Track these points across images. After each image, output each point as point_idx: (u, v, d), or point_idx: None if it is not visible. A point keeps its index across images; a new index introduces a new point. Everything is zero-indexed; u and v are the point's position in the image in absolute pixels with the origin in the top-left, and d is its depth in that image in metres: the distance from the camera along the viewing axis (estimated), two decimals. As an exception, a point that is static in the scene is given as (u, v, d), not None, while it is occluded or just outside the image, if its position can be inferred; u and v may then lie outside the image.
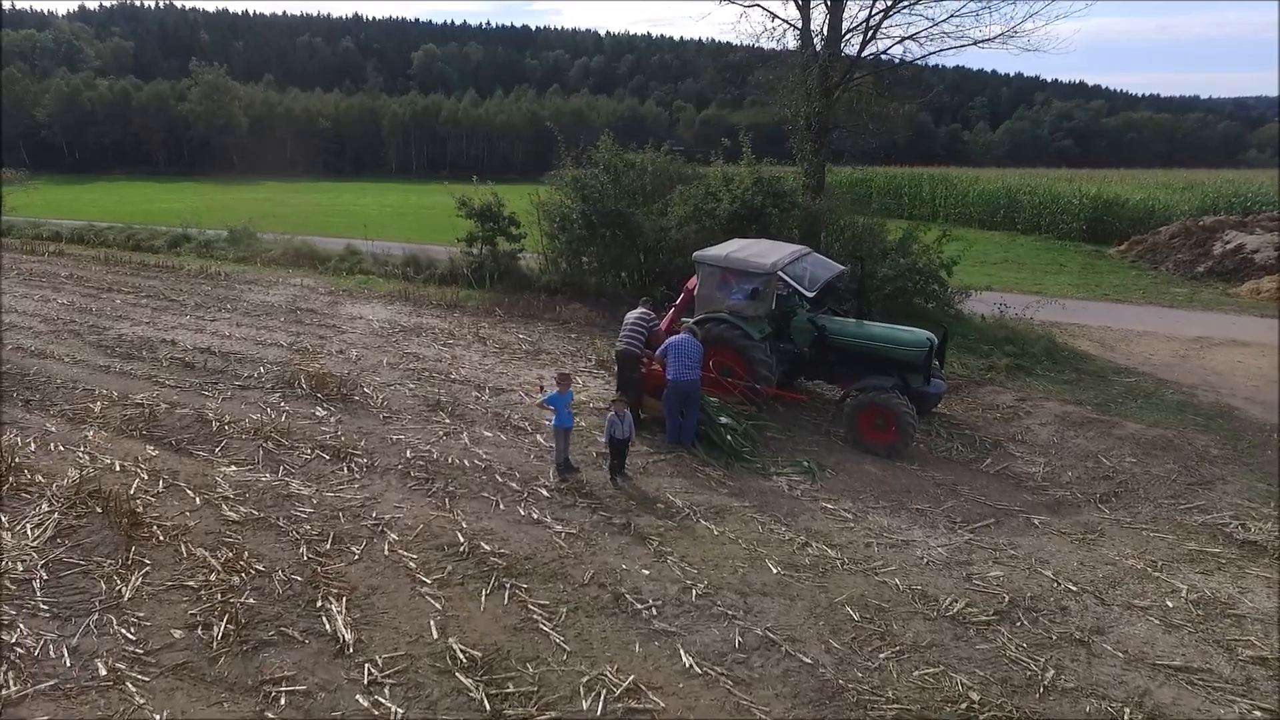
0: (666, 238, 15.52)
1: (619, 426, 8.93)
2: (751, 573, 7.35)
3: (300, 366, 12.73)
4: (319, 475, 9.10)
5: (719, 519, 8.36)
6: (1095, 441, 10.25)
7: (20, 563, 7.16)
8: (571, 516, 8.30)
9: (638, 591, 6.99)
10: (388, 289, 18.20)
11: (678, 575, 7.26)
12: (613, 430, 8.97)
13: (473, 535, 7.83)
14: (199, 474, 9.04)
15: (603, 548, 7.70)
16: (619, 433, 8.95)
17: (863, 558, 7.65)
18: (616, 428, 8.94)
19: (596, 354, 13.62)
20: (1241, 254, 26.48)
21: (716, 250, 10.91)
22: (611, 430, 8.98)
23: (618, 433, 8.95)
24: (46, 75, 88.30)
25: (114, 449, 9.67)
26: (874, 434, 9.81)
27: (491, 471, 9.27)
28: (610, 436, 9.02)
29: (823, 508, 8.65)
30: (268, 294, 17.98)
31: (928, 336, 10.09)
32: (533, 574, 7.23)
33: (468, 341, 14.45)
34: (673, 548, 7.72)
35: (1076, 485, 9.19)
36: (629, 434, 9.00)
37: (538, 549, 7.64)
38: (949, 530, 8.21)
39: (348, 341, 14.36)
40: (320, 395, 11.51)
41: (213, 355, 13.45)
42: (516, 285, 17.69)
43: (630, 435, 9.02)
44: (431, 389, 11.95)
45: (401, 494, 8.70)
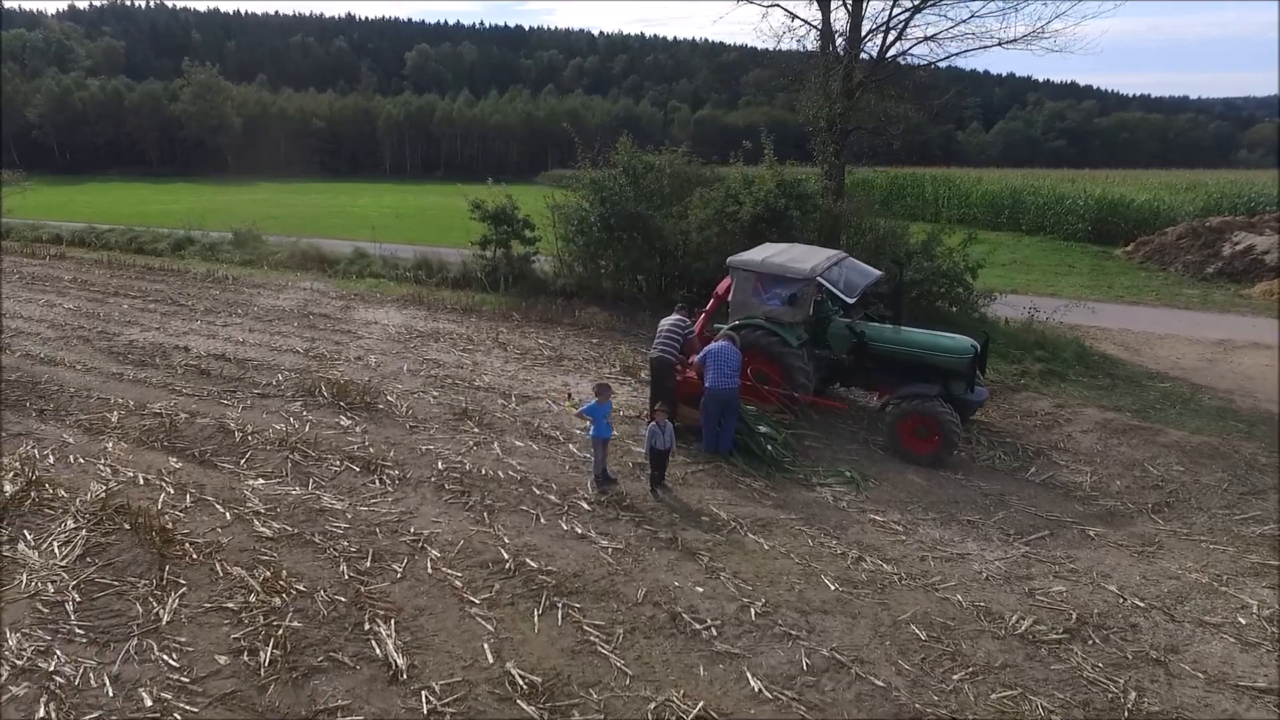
0: (687, 241, 15.29)
1: (660, 437, 8.70)
2: (808, 589, 7.13)
3: (319, 374, 12.45)
4: (351, 488, 8.83)
5: (766, 532, 8.14)
6: (1139, 449, 10.08)
7: (51, 583, 6.87)
8: (616, 530, 8.07)
9: (694, 610, 6.75)
10: (400, 293, 17.92)
11: (733, 592, 7.03)
12: (653, 441, 8.74)
13: (516, 551, 7.58)
14: (226, 487, 8.76)
15: (652, 564, 7.47)
16: (660, 443, 8.72)
17: (920, 572, 7.44)
18: (657, 438, 8.71)
19: (621, 360, 13.38)
20: (1252, 255, 26.44)
21: (752, 255, 10.69)
22: (652, 441, 8.75)
23: (659, 443, 8.72)
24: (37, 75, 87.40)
25: (136, 461, 9.38)
26: (916, 443, 9.61)
27: (528, 483, 9.02)
28: (651, 447, 8.79)
29: (871, 520, 8.44)
30: (278, 298, 17.67)
31: (971, 343, 9.89)
32: (583, 592, 6.99)
33: (487, 347, 14.19)
34: (724, 563, 7.49)
35: (1127, 495, 9.01)
36: (670, 444, 8.77)
37: (585, 565, 7.40)
38: (1004, 543, 8.01)
39: (365, 347, 14.08)
40: (343, 404, 11.24)
41: (228, 362, 13.15)
42: (531, 289, 17.44)
43: (671, 446, 8.80)
44: (456, 397, 11.69)
45: (438, 508, 8.44)
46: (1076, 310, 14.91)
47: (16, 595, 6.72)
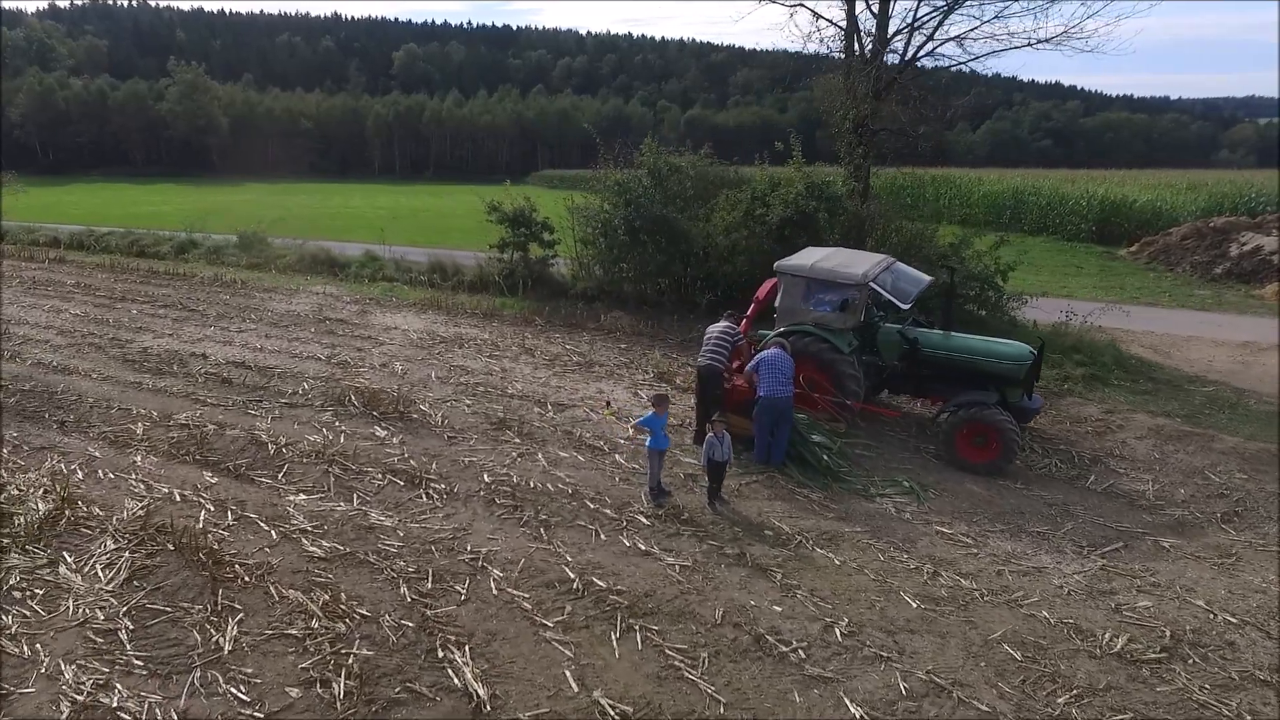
0: (713, 244, 15.03)
1: (718, 448, 8.43)
2: (890, 607, 6.89)
3: (346, 382, 12.11)
4: (397, 503, 8.51)
5: (834, 546, 7.89)
6: (1197, 456, 9.92)
7: (100, 610, 6.52)
8: (679, 546, 7.80)
9: (777, 632, 6.50)
10: (416, 297, 17.56)
11: (813, 612, 6.78)
12: (711, 452, 8.48)
13: (581, 570, 7.30)
14: (268, 504, 8.42)
15: (724, 582, 7.20)
16: (718, 455, 8.45)
17: (999, 588, 7.21)
18: (715, 449, 8.44)
19: (655, 366, 13.10)
20: (1260, 255, 26.48)
21: (800, 260, 10.45)
22: (710, 452, 8.48)
23: (716, 455, 8.46)
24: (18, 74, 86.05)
25: (169, 476, 9.01)
26: (973, 452, 9.40)
27: (580, 497, 8.73)
28: (709, 459, 8.52)
29: (938, 532, 8.21)
30: (290, 303, 17.27)
31: (1029, 350, 9.70)
32: (658, 613, 6.71)
33: (514, 353, 13.88)
34: (798, 580, 7.24)
35: (1193, 504, 8.84)
36: (727, 456, 8.51)
37: (655, 584, 7.12)
38: (1078, 556, 7.81)
39: (388, 354, 13.73)
40: (376, 413, 10.90)
41: (249, 370, 12.76)
42: (551, 293, 17.14)
43: (729, 458, 8.53)
44: (490, 405, 11.38)
45: (492, 524, 8.14)
46: (1109, 313, 14.74)
47: (66, 623, 6.36)
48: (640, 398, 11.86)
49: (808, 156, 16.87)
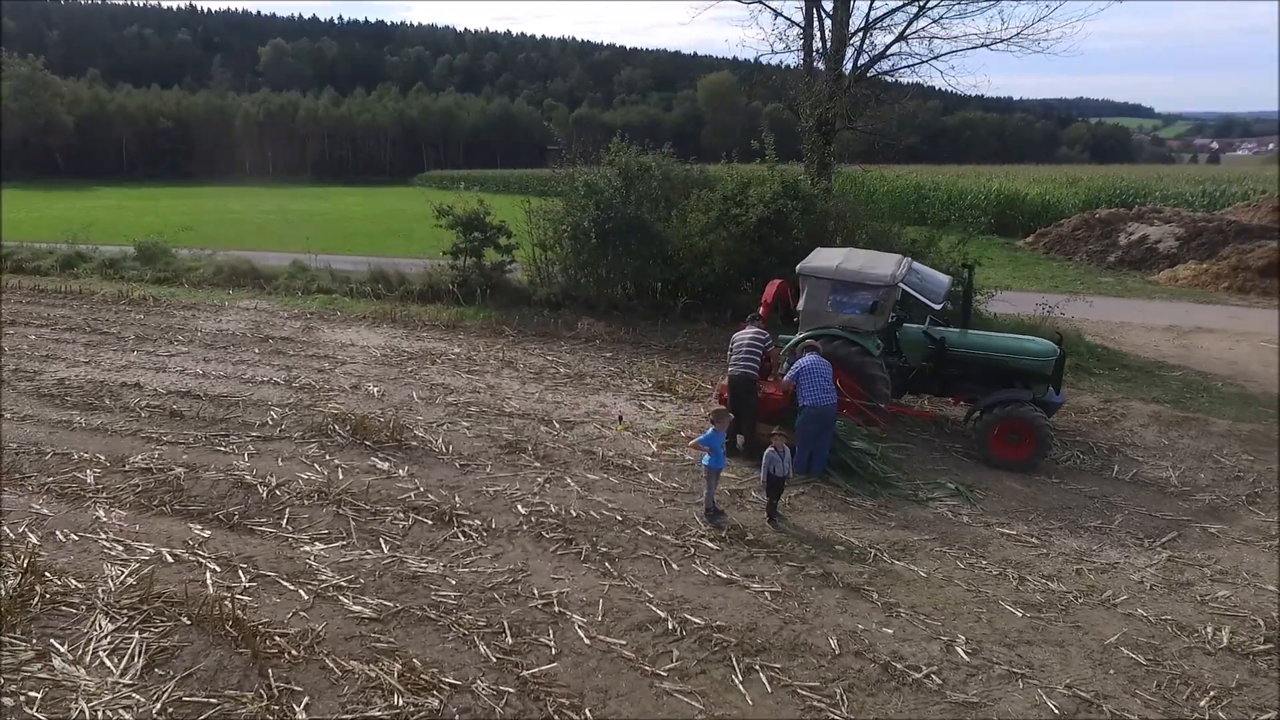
0: (690, 246, 14.61)
1: (779, 463, 8.02)
2: (995, 618, 6.69)
3: (320, 408, 10.91)
4: (433, 546, 7.62)
5: (909, 557, 7.65)
6: (1200, 441, 10.38)
7: (126, 711, 5.38)
8: (759, 570, 7.34)
9: (900, 657, 6.15)
10: (363, 310, 16.21)
11: (925, 631, 6.49)
12: (771, 467, 8.05)
13: (668, 606, 6.71)
14: (283, 558, 7.33)
15: (821, 606, 6.80)
16: (779, 470, 8.04)
17: (1086, 588, 7.17)
18: (776, 464, 8.03)
19: (652, 376, 12.55)
20: (1146, 244, 28.72)
21: (823, 262, 10.19)
22: (770, 467, 8.06)
23: (777, 470, 8.04)
24: None
25: (148, 532, 7.71)
26: (1007, 449, 9.43)
27: (631, 523, 8.11)
28: (769, 474, 8.09)
29: (1001, 533, 8.13)
30: (219, 321, 15.55)
31: (1053, 345, 9.83)
32: (771, 649, 6.23)
33: (495, 367, 12.98)
34: (893, 597, 6.94)
35: (1217, 488, 9.19)
36: (788, 471, 8.11)
37: (754, 616, 6.63)
38: (1140, 548, 7.91)
39: (354, 374, 12.52)
40: (369, 443, 9.83)
41: (199, 400, 11.30)
42: (511, 300, 16.24)
43: (789, 473, 8.13)
44: (492, 426, 10.52)
45: (549, 561, 7.40)
46: (1072, 304, 15.34)
47: (89, 734, 5.21)
48: (647, 409, 11.31)
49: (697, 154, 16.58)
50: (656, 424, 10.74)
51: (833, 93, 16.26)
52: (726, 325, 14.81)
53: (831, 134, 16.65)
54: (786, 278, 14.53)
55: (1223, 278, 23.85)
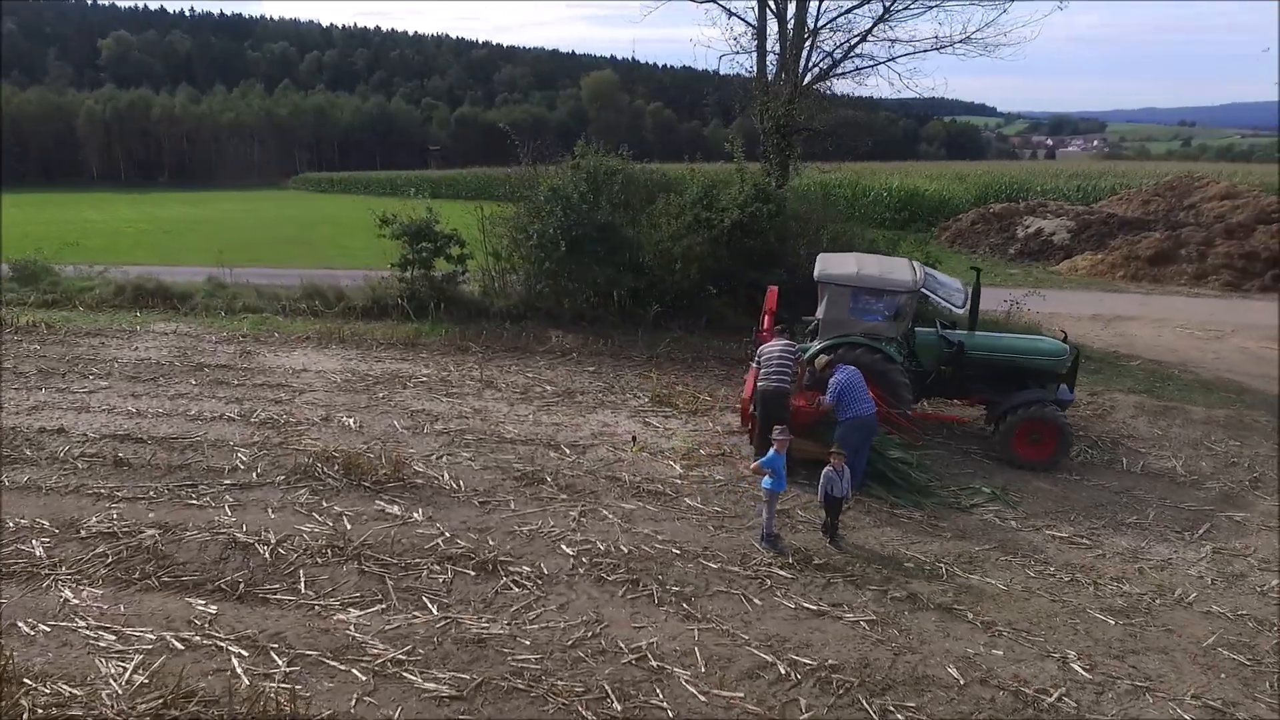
0: (665, 252, 14.12)
1: (836, 483, 7.67)
2: (1091, 628, 6.63)
3: (296, 446, 9.73)
4: (486, 601, 6.82)
5: (980, 569, 7.52)
6: (1188, 429, 10.88)
7: None
8: (843, 597, 6.99)
9: (1023, 680, 5.95)
10: (303, 330, 14.74)
11: (1033, 649, 6.32)
12: (829, 488, 7.70)
13: (769, 647, 6.24)
14: (316, 631, 6.35)
15: (922, 631, 6.52)
16: (836, 490, 7.69)
17: (1157, 587, 7.26)
18: (834, 484, 7.68)
19: (650, 391, 11.98)
20: (1042, 237, 30.60)
21: (843, 269, 9.94)
22: (828, 488, 7.70)
23: (835, 490, 7.69)
24: None
25: (138, 613, 6.51)
26: (1029, 449, 9.53)
27: (690, 555, 7.58)
28: (826, 494, 7.74)
29: (1054, 536, 8.16)
30: (135, 348, 13.72)
31: (1064, 345, 10.01)
32: (896, 686, 5.88)
33: (474, 388, 12.04)
34: (988, 615, 6.76)
35: (1221, 475, 9.62)
36: (846, 491, 7.76)
37: (861, 650, 6.27)
38: (1183, 542, 8.12)
39: (320, 404, 11.29)
40: (368, 484, 8.80)
41: (143, 444, 9.82)
42: (467, 314, 15.22)
43: (848, 493, 7.79)
44: (497, 456, 9.69)
45: (622, 607, 6.77)
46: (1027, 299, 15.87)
47: None
48: (654, 426, 10.76)
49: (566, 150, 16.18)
50: (670, 443, 10.23)
51: (791, 95, 16.17)
52: (701, 333, 14.53)
53: (791, 136, 16.57)
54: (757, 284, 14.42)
55: (1117, 267, 25.70)
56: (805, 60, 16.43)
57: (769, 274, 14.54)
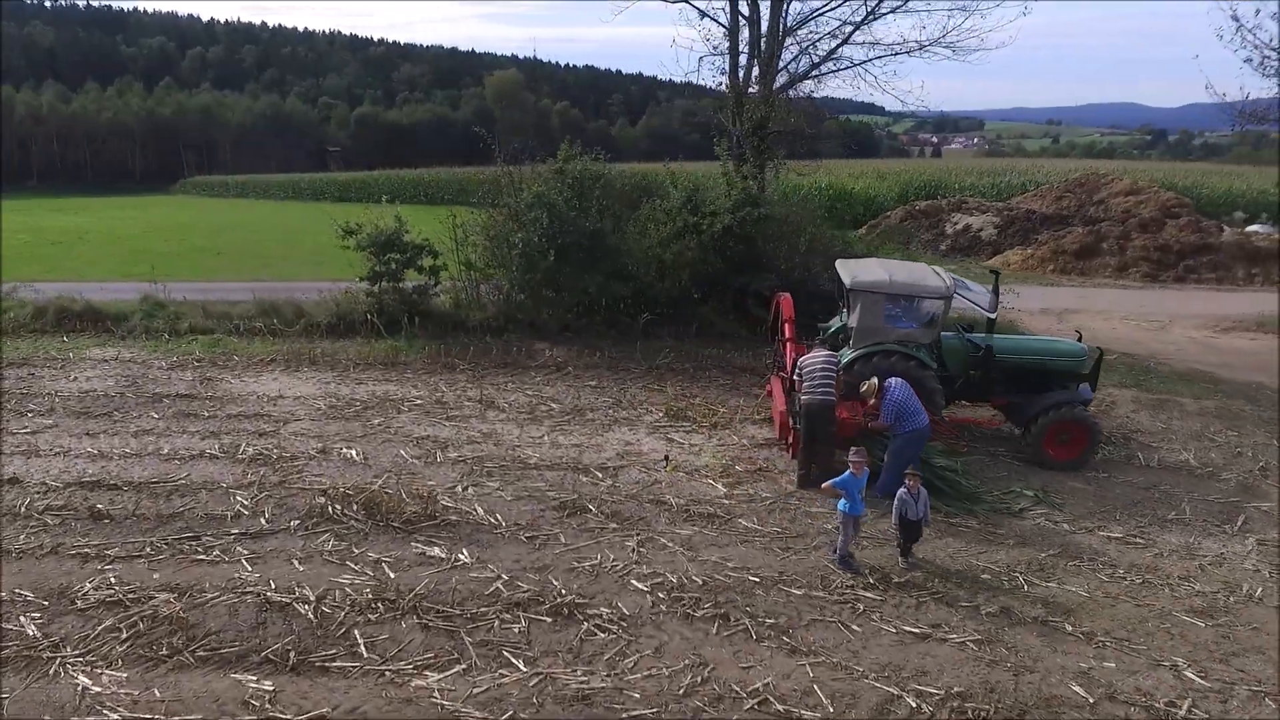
0: (656, 259, 13.71)
1: (911, 506, 7.37)
2: (1186, 631, 6.68)
3: (299, 484, 8.83)
4: (574, 651, 6.26)
5: (1054, 577, 7.49)
6: (1186, 421, 11.31)
7: None
8: (940, 617, 6.79)
9: (1146, 693, 5.90)
10: (265, 351, 13.50)
11: (1141, 659, 6.30)
12: (903, 510, 7.41)
13: (889, 679, 5.97)
14: (400, 702, 5.64)
15: (1031, 649, 6.39)
16: (911, 513, 7.39)
17: (1224, 584, 7.41)
18: (908, 507, 7.38)
19: (660, 405, 11.53)
20: (970, 232, 31.84)
21: (875, 276, 9.77)
22: (902, 510, 7.42)
23: (910, 513, 7.39)
24: None
25: (179, 698, 5.62)
26: (1059, 450, 9.65)
27: (769, 582, 7.24)
28: (901, 516, 7.47)
29: (1106, 538, 8.25)
30: (74, 379, 12.22)
31: (1082, 345, 10.19)
32: (1030, 710, 5.70)
33: (475, 409, 11.28)
34: (1084, 625, 6.70)
35: (1232, 466, 10.01)
36: (922, 514, 7.42)
37: (980, 673, 6.07)
38: (1226, 535, 8.37)
39: (309, 434, 10.32)
40: (395, 525, 8.03)
41: (119, 491, 8.68)
42: (444, 329, 14.34)
43: (923, 515, 7.44)
44: (526, 484, 9.06)
45: (721, 646, 6.34)
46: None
47: None
48: (678, 443, 10.34)
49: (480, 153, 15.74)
50: (701, 460, 9.84)
51: (769, 97, 16.03)
52: (692, 340, 14.20)
53: (767, 138, 16.44)
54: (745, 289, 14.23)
55: (1046, 261, 26.96)
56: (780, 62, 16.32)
57: (757, 279, 14.43)
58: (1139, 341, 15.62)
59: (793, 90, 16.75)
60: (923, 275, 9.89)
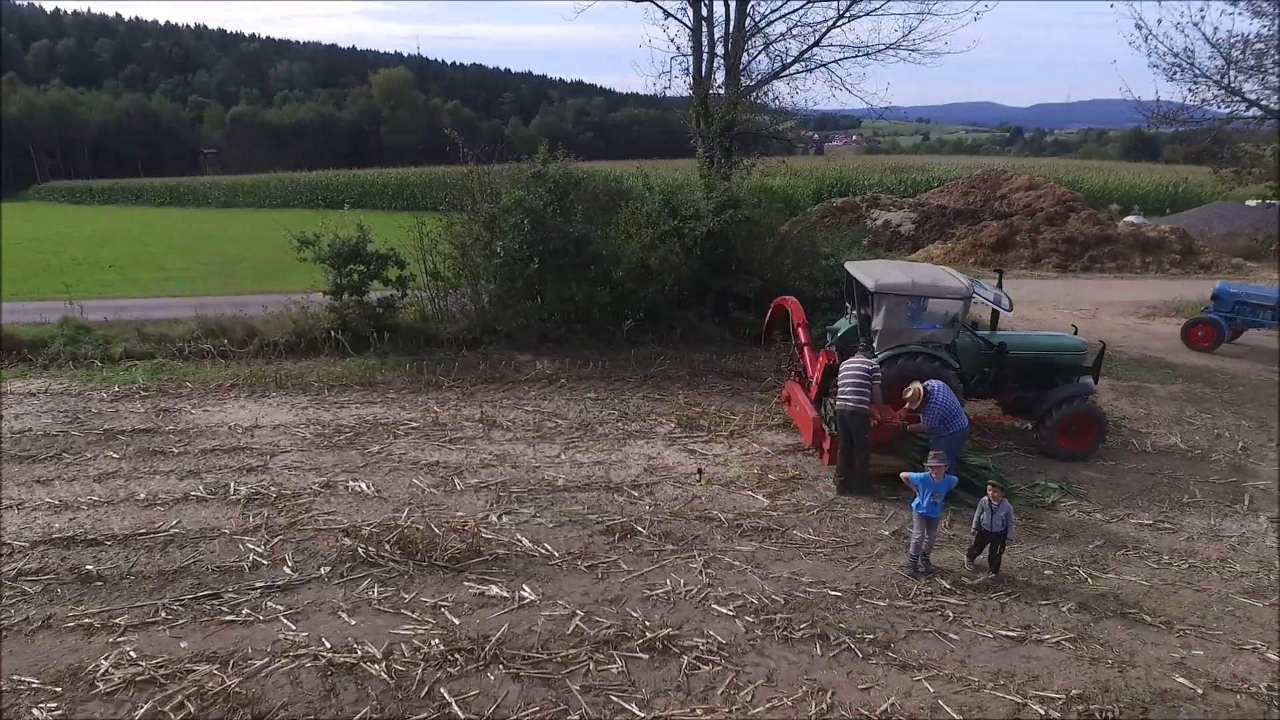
0: (641, 264, 13.34)
1: (989, 515, 7.31)
2: (1250, 613, 6.99)
3: (313, 524, 8.01)
4: (685, 689, 5.90)
5: (1110, 568, 7.71)
6: (1163, 406, 11.96)
7: None
8: (1028, 618, 6.84)
9: (1242, 678, 6.11)
10: (219, 376, 12.23)
11: (1222, 645, 6.55)
12: (980, 517, 7.37)
13: (1005, 686, 5.92)
14: (520, 765, 5.13)
15: (1121, 644, 6.51)
16: (987, 523, 7.33)
17: (1257, 564, 7.80)
18: (986, 515, 7.33)
19: (676, 414, 11.18)
20: (891, 228, 33.03)
21: (892, 278, 9.76)
22: (980, 517, 7.38)
23: (987, 523, 7.35)
24: None
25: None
26: (1070, 441, 9.98)
27: (850, 596, 7.10)
28: (978, 523, 7.42)
29: (1137, 525, 8.57)
30: (4, 417, 10.72)
31: (1081, 340, 10.58)
32: (1150, 706, 5.78)
33: (478, 430, 10.59)
34: (1158, 615, 6.90)
35: (1218, 448, 10.62)
36: (1000, 527, 7.28)
37: (1088, 673, 6.13)
38: (1237, 515, 8.85)
39: (303, 466, 9.40)
40: (442, 564, 7.40)
41: (102, 547, 7.60)
42: (415, 343, 13.48)
43: (1002, 529, 7.29)
44: (563, 509, 8.55)
45: (832, 669, 6.12)
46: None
47: None
48: (702, 455, 10.04)
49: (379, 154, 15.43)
50: (730, 471, 9.60)
51: (736, 97, 15.94)
52: (677, 346, 13.95)
53: (733, 137, 16.35)
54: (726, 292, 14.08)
55: (967, 254, 28.24)
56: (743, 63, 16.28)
57: (738, 282, 14.34)
58: (1086, 331, 16.43)
59: (761, 92, 16.77)
60: (940, 276, 10.01)
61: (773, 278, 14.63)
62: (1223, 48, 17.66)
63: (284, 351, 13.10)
